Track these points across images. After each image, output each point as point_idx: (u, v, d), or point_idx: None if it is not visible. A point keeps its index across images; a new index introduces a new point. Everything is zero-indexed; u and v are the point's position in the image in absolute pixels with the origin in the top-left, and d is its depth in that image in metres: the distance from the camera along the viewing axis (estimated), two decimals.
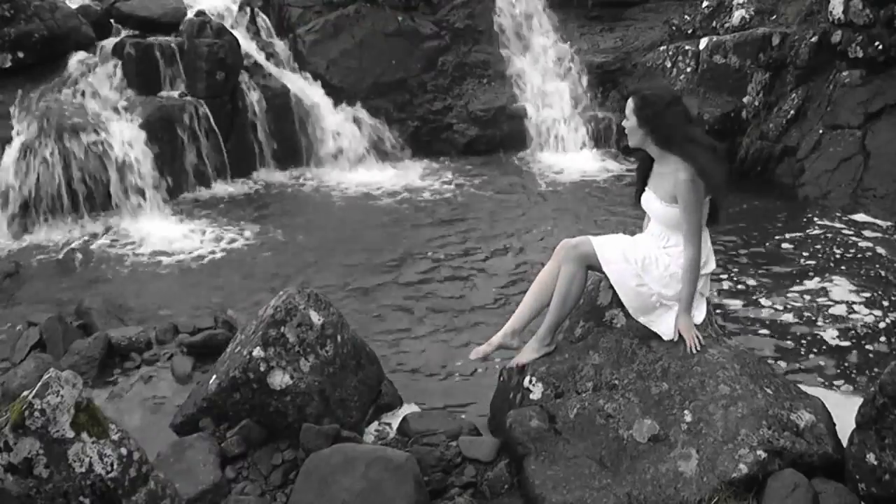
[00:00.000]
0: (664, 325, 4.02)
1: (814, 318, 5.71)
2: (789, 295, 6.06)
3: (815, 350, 5.34)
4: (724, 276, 6.39)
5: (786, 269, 6.57)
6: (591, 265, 4.09)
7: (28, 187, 7.72)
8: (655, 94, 4.07)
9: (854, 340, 5.42)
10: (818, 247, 6.95)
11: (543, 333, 4.16)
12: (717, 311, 5.37)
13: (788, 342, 5.43)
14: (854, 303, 5.90)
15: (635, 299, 4.04)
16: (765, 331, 5.60)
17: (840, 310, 5.81)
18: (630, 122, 4.01)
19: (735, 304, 5.97)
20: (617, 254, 4.04)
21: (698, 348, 3.94)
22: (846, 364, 5.16)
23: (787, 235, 7.24)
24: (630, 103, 4.02)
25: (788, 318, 5.74)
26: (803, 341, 5.44)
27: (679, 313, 3.98)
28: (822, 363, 5.19)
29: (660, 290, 3.98)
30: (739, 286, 6.26)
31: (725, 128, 8.93)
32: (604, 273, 4.10)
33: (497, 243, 7.30)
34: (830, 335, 5.49)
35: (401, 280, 6.61)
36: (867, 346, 5.35)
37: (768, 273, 6.49)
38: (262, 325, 4.23)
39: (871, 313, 5.74)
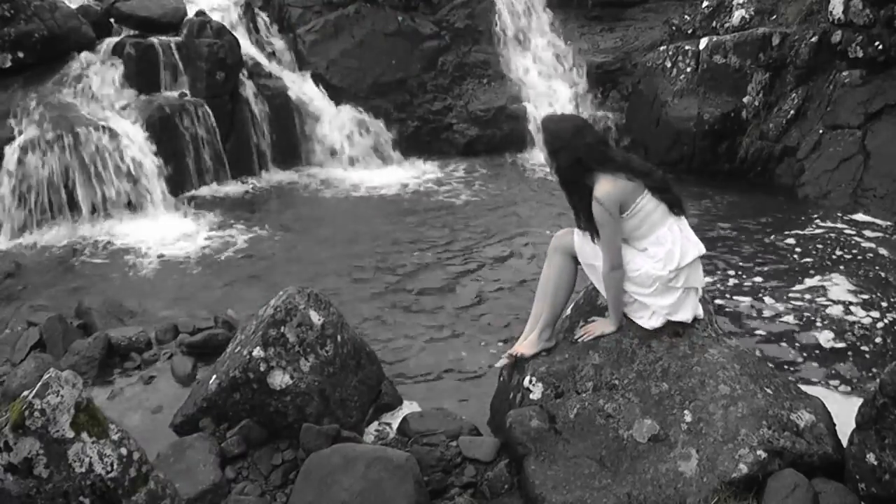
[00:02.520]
0: (641, 318, 4.04)
1: (813, 318, 5.70)
2: (789, 295, 6.06)
3: (814, 350, 5.33)
4: (725, 276, 6.39)
5: (785, 268, 6.56)
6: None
7: (28, 187, 7.73)
8: (558, 127, 4.05)
9: (854, 340, 5.42)
10: (818, 247, 6.95)
11: (542, 328, 4.18)
12: (718, 311, 5.36)
13: (788, 342, 5.43)
14: (854, 303, 5.90)
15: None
16: (765, 331, 5.59)
17: (840, 309, 5.81)
18: (543, 152, 4.11)
19: (735, 303, 5.97)
20: (592, 252, 4.06)
21: (581, 341, 4.08)
22: (846, 364, 5.16)
23: (787, 235, 7.24)
24: (542, 136, 4.09)
25: (788, 318, 5.74)
26: (803, 341, 5.44)
27: (608, 313, 4.09)
28: (821, 363, 5.19)
29: (630, 288, 4.00)
30: (739, 286, 6.25)
31: (725, 128, 8.94)
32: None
33: (497, 243, 7.30)
34: (830, 335, 5.48)
35: (400, 279, 6.61)
36: (867, 346, 5.34)
37: (768, 273, 6.49)
38: (262, 325, 4.23)
39: (870, 314, 5.73)
